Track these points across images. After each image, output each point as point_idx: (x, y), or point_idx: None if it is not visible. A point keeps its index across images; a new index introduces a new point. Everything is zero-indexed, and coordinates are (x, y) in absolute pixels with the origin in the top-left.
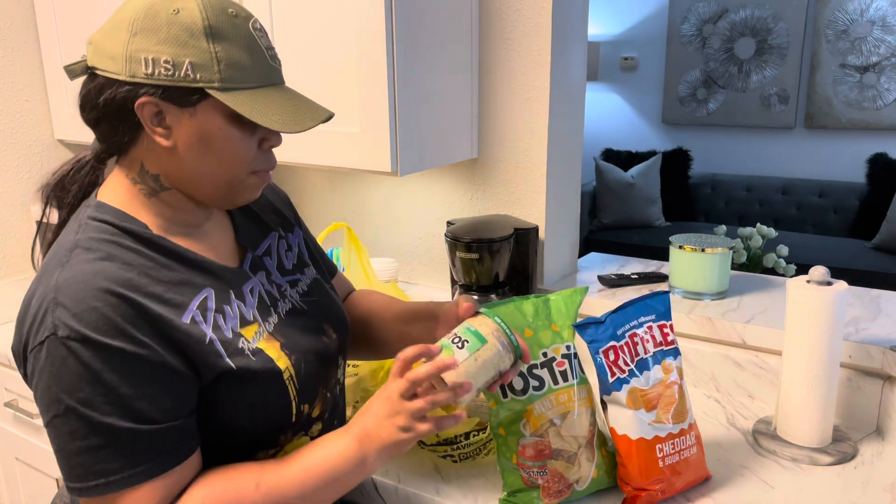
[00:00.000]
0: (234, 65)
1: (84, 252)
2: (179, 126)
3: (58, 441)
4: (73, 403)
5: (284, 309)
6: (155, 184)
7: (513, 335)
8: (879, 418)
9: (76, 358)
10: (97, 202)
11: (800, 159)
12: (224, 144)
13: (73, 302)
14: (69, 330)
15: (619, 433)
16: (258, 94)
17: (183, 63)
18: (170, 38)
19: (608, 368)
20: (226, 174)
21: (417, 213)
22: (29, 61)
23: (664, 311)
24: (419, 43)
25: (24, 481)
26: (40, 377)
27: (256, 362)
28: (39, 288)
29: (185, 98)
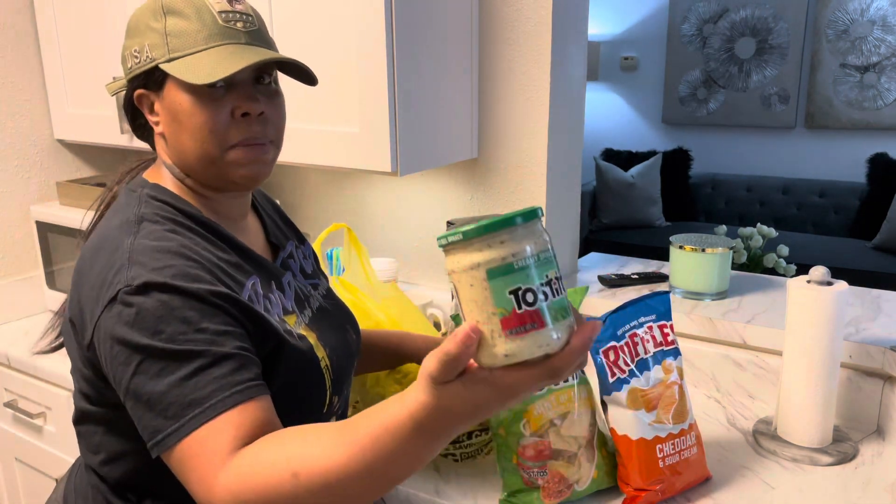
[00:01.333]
0: (180, 34)
1: (151, 224)
2: (162, 110)
3: (145, 388)
4: (155, 343)
5: (314, 306)
6: (175, 171)
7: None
8: (880, 418)
9: (155, 300)
10: (152, 183)
11: (800, 159)
12: (190, 119)
13: (150, 260)
14: (146, 279)
15: (619, 433)
16: (199, 56)
17: (143, 47)
18: (138, 30)
19: (608, 368)
20: (201, 149)
21: (417, 213)
22: (29, 61)
23: (664, 311)
24: (419, 43)
25: (24, 481)
26: (114, 332)
27: (303, 344)
28: (104, 255)
29: (154, 82)
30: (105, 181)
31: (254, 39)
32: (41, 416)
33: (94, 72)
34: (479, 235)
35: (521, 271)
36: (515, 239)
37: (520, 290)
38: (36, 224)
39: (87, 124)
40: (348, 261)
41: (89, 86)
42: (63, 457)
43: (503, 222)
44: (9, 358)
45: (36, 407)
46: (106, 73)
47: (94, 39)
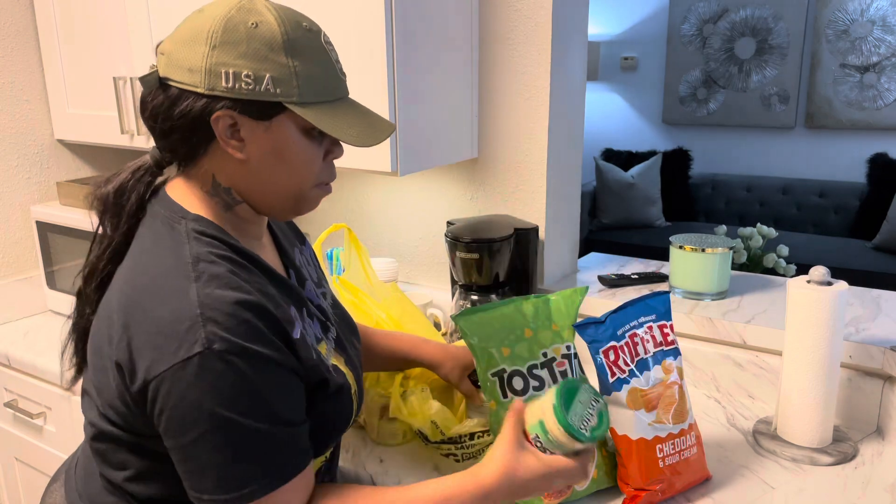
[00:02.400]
0: (311, 79)
1: (210, 265)
2: (253, 139)
3: (210, 454)
4: (229, 414)
5: (334, 322)
6: (228, 197)
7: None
8: (880, 418)
9: (234, 369)
10: (195, 215)
11: (800, 159)
12: (296, 157)
13: (224, 316)
14: (227, 343)
15: (619, 433)
16: (332, 108)
17: (263, 77)
18: (250, 53)
19: (608, 368)
20: (295, 186)
21: (417, 213)
22: (29, 61)
23: (664, 312)
24: (419, 43)
25: (24, 481)
26: (185, 394)
27: (338, 378)
28: (167, 302)
29: (262, 112)
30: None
31: (347, 87)
32: (41, 416)
33: (94, 72)
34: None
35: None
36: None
37: None
38: (36, 224)
39: (87, 124)
40: (348, 261)
41: (89, 86)
42: (63, 457)
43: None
44: (9, 358)
45: (36, 407)
46: (106, 74)
47: (94, 39)
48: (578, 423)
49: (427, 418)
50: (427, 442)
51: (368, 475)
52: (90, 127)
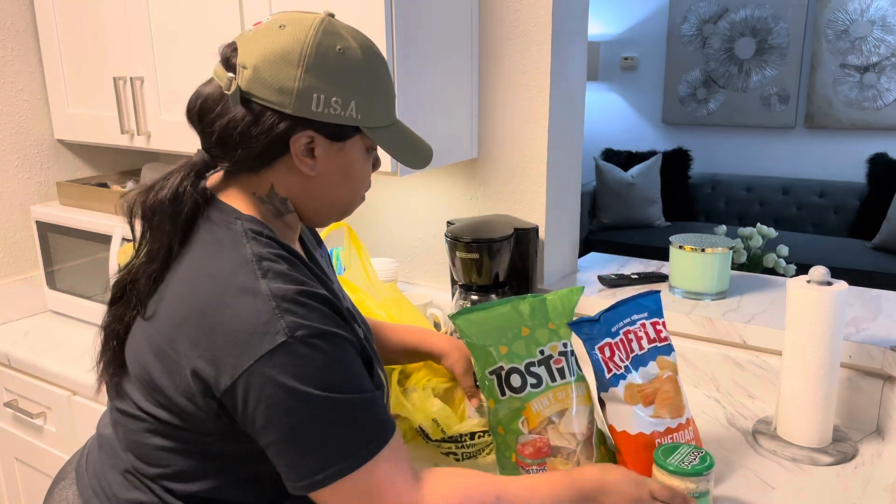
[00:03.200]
0: (382, 104)
1: (273, 263)
2: (326, 157)
3: (311, 436)
4: (324, 393)
5: (361, 322)
6: (282, 206)
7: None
8: (879, 418)
9: (319, 351)
10: (249, 216)
11: (800, 159)
12: (359, 174)
13: (297, 305)
14: (307, 328)
15: (618, 430)
16: (393, 131)
17: (349, 103)
18: (338, 78)
19: (604, 364)
20: (350, 197)
21: (417, 213)
22: (29, 61)
23: (656, 309)
24: (419, 43)
25: (24, 481)
26: (278, 384)
27: (382, 373)
28: (243, 299)
29: (340, 133)
30: (106, 181)
31: None
32: (41, 416)
33: (94, 72)
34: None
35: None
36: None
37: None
38: (36, 224)
39: (87, 124)
40: (349, 261)
41: (89, 86)
42: (63, 457)
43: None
44: (9, 358)
45: (36, 407)
46: (106, 73)
47: (94, 39)
48: (679, 462)
49: (429, 416)
50: (427, 440)
51: None
52: (90, 127)
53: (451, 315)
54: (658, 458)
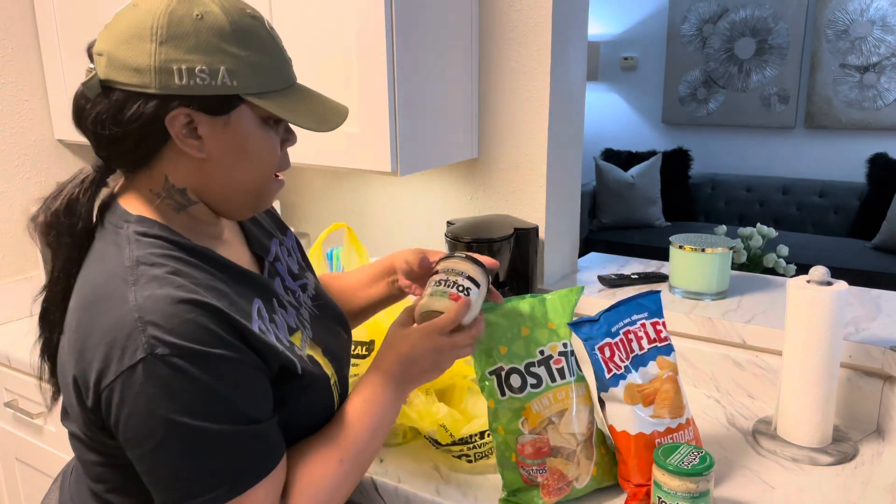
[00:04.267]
0: (265, 68)
1: (150, 268)
2: (213, 135)
3: (167, 465)
4: (185, 420)
5: (307, 315)
6: (182, 198)
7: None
8: (879, 418)
9: (182, 373)
10: (137, 216)
11: (800, 159)
12: (257, 150)
13: (164, 318)
14: (169, 346)
15: (618, 430)
16: (287, 96)
17: (218, 70)
18: (201, 45)
19: (604, 364)
20: (256, 180)
21: (417, 213)
22: (29, 61)
23: (656, 310)
24: (419, 43)
25: (24, 481)
26: (135, 404)
27: (315, 368)
28: (107, 310)
29: (219, 106)
30: None
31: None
32: (41, 416)
33: None
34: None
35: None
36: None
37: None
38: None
39: None
40: (348, 261)
41: None
42: (63, 456)
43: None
44: (9, 358)
45: (36, 407)
46: None
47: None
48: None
49: (435, 422)
50: (438, 446)
51: (369, 476)
52: None
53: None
54: (658, 458)
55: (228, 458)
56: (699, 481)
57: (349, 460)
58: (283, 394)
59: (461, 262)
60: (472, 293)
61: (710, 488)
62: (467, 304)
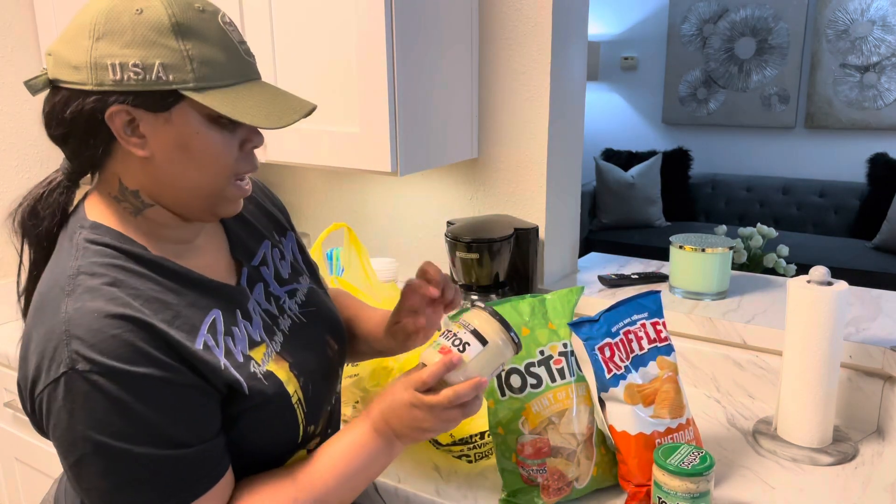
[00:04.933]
0: (208, 62)
1: (89, 278)
2: (155, 134)
3: (89, 481)
4: (103, 439)
5: (286, 325)
6: (136, 200)
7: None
8: (880, 418)
9: (101, 391)
10: (92, 222)
11: (800, 159)
12: (204, 149)
13: (89, 332)
14: (90, 363)
15: (618, 430)
16: (236, 92)
17: (153, 65)
18: (136, 40)
19: (604, 365)
20: (208, 182)
21: (417, 213)
22: (29, 61)
23: (656, 310)
24: (419, 43)
25: (24, 481)
26: (58, 417)
27: (269, 387)
28: (44, 320)
29: (158, 102)
30: None
31: (257, 69)
32: None
33: None
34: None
35: None
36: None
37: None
38: None
39: None
40: (348, 261)
41: None
42: None
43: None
44: (9, 358)
45: None
46: None
47: None
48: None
49: None
50: (438, 446)
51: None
52: None
53: (451, 315)
54: (658, 458)
55: (151, 483)
56: (699, 481)
57: (305, 501)
58: (234, 412)
59: (476, 315)
60: (469, 349)
61: (710, 488)
62: (451, 362)
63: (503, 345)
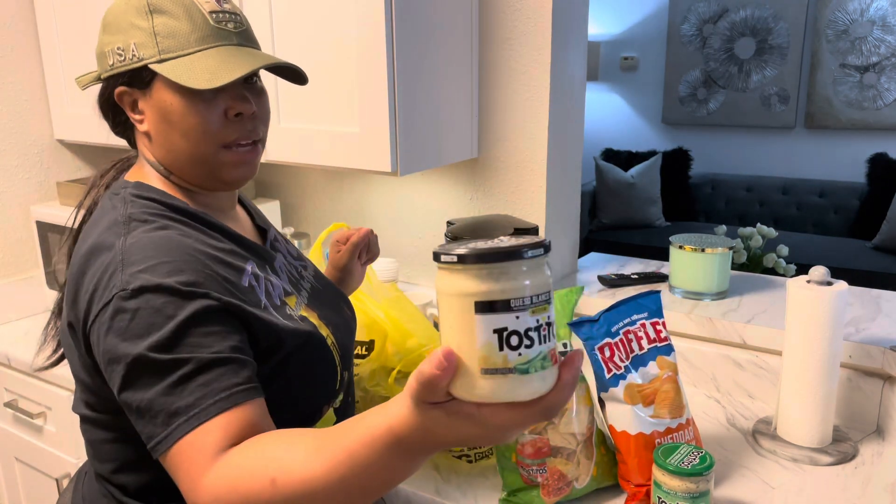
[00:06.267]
0: (171, 34)
1: (141, 224)
2: (147, 109)
3: (135, 397)
4: (143, 352)
5: (307, 286)
6: (161, 168)
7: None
8: (879, 418)
9: (148, 305)
10: (136, 182)
11: (800, 159)
12: (182, 119)
13: (144, 258)
14: (141, 281)
15: (618, 430)
16: (195, 58)
17: (129, 46)
18: (119, 26)
19: (604, 365)
20: (194, 150)
21: (417, 213)
22: (29, 61)
23: (656, 310)
24: (419, 43)
25: (24, 481)
26: (108, 337)
27: (307, 326)
28: (100, 257)
29: (140, 80)
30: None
31: (244, 40)
32: (41, 416)
33: None
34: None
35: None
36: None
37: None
38: (36, 224)
39: (87, 124)
40: None
41: None
42: (63, 456)
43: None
44: (9, 358)
45: (36, 407)
46: None
47: (93, 40)
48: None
49: None
50: None
51: None
52: (90, 127)
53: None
54: (658, 458)
55: (190, 387)
56: (699, 481)
57: (281, 487)
58: (279, 356)
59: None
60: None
61: (710, 488)
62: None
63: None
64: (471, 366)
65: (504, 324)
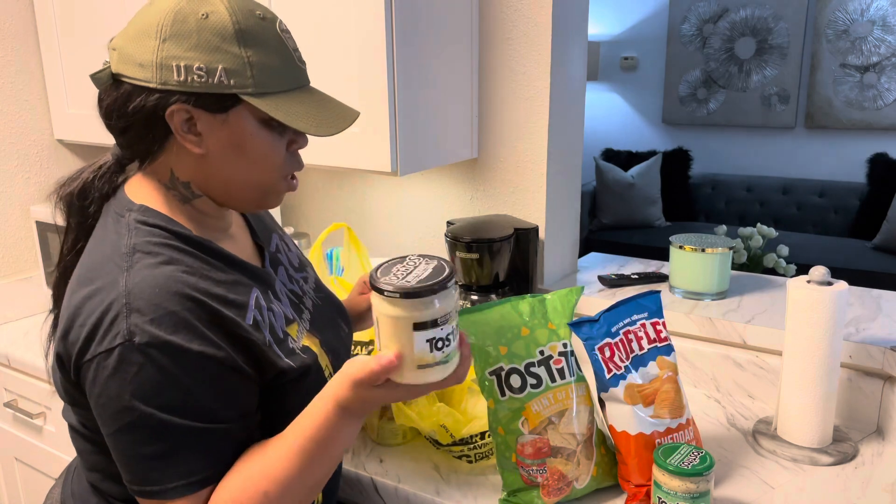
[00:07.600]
0: (266, 69)
1: (145, 256)
2: (211, 133)
3: (130, 448)
4: (149, 410)
5: (309, 304)
6: (186, 191)
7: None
8: (880, 418)
9: (154, 364)
10: (140, 206)
11: (800, 159)
12: (256, 149)
13: (150, 307)
14: (149, 336)
15: (618, 430)
16: (290, 98)
17: (216, 69)
18: (201, 44)
19: (604, 365)
20: (258, 179)
21: (417, 213)
22: (29, 61)
23: (656, 310)
24: (419, 43)
25: (24, 481)
26: (107, 385)
27: (308, 359)
28: (101, 292)
29: (217, 104)
30: None
31: (307, 75)
32: (41, 416)
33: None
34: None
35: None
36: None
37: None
38: (36, 224)
39: (87, 124)
40: (348, 261)
41: (89, 86)
42: (63, 457)
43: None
44: (9, 358)
45: (36, 407)
46: None
47: (94, 40)
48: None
49: (436, 422)
50: (438, 446)
51: (369, 476)
52: (90, 127)
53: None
54: (658, 458)
55: (190, 455)
56: (699, 481)
57: (274, 493)
58: (278, 386)
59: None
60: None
61: (710, 488)
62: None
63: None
64: (409, 363)
65: (433, 335)
